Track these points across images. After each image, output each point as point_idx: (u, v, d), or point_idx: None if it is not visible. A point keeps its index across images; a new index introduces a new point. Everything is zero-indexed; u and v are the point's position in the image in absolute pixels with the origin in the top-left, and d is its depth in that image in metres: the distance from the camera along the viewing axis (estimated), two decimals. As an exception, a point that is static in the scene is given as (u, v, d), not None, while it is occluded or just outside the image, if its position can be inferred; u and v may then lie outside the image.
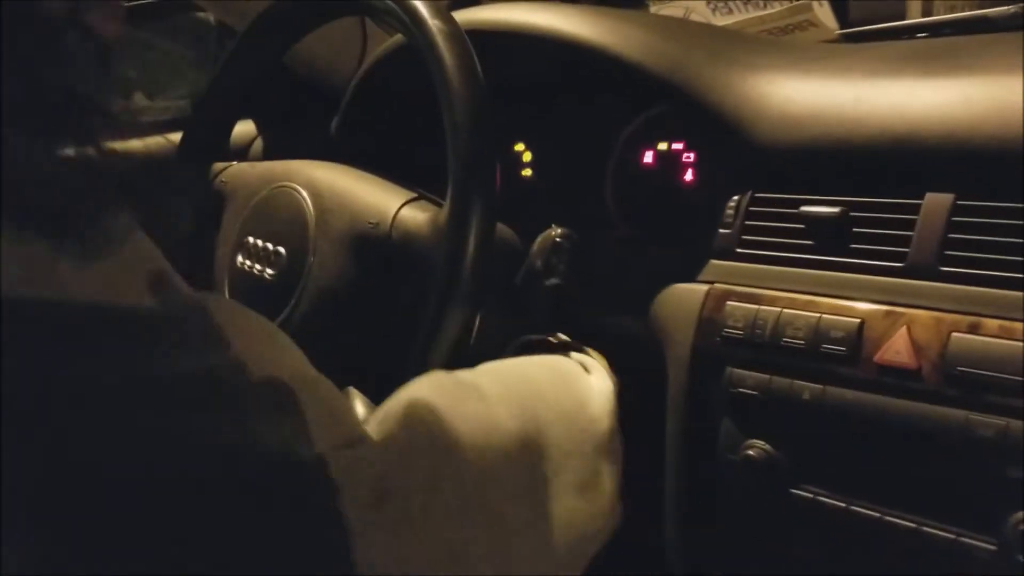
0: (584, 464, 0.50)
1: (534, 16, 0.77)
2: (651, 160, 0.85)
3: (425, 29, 0.63)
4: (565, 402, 0.52)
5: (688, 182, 0.82)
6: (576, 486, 0.49)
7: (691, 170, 0.82)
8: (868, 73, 0.68)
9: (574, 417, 0.52)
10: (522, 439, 0.46)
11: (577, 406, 0.53)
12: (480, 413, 0.45)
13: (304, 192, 0.72)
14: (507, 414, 0.46)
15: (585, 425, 0.52)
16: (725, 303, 0.66)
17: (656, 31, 0.76)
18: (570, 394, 0.54)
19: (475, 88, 0.61)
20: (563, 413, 0.51)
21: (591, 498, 0.50)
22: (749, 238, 0.68)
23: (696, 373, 0.67)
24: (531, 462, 0.46)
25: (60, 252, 0.30)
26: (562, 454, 0.48)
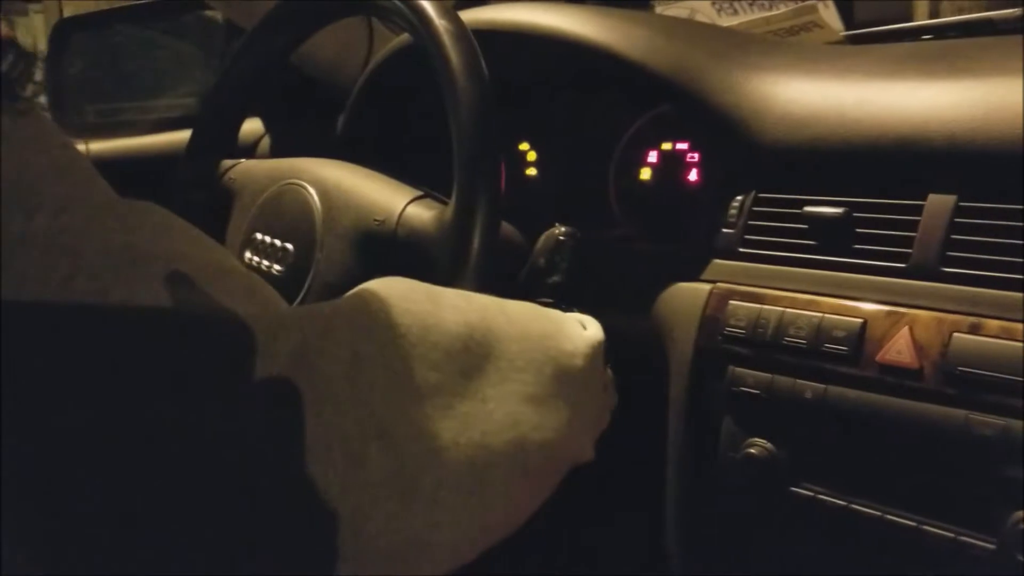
0: (538, 381, 0.48)
1: (539, 16, 0.78)
2: (655, 159, 0.85)
3: (431, 28, 0.64)
4: (533, 327, 0.50)
5: (692, 182, 0.82)
6: (524, 396, 0.46)
7: (695, 170, 0.82)
8: (871, 74, 0.68)
9: (538, 341, 0.50)
10: (465, 341, 0.44)
11: (545, 335, 0.51)
12: (423, 310, 0.43)
13: (312, 189, 0.72)
14: (455, 319, 0.44)
15: (552, 352, 0.50)
16: (728, 302, 0.66)
17: (659, 31, 0.76)
18: (542, 324, 0.52)
19: (480, 87, 0.61)
20: (525, 334, 0.49)
21: (542, 412, 0.47)
22: (752, 238, 0.68)
23: (698, 372, 0.67)
24: (472, 363, 0.44)
25: None
26: (512, 368, 0.46)
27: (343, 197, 0.71)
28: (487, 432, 0.43)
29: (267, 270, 0.73)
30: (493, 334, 0.46)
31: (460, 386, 0.42)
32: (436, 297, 0.46)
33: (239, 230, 0.78)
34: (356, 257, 0.68)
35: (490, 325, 0.47)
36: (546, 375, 0.49)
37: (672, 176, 0.84)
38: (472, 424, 0.42)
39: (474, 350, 0.45)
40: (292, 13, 0.78)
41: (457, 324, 0.45)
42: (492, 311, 0.49)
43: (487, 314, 0.48)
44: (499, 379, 0.45)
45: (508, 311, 0.50)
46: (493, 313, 0.48)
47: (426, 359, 0.41)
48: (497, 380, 0.45)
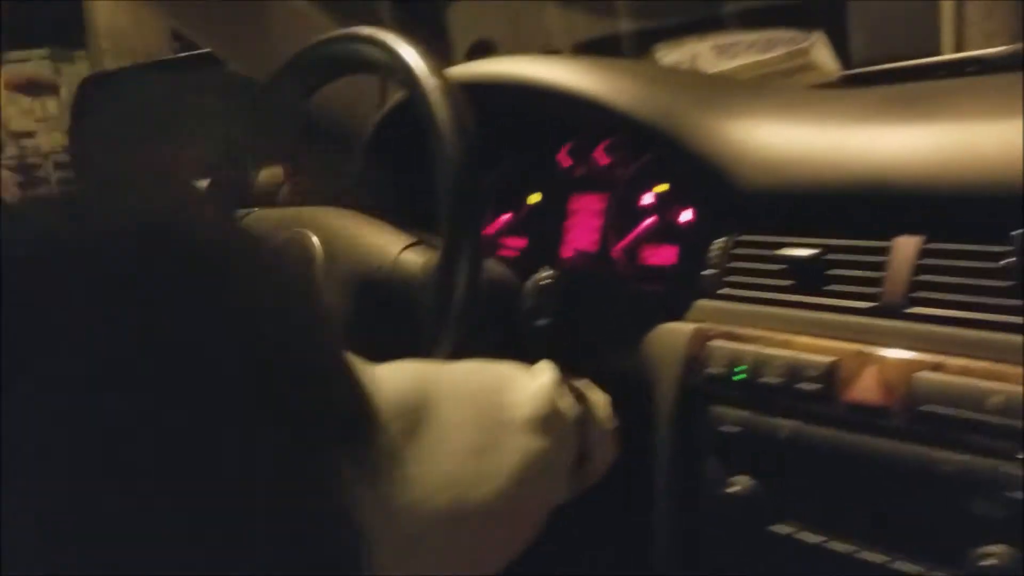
0: (479, 434, 0.49)
1: (527, 68, 0.81)
2: (651, 201, 0.88)
3: (419, 85, 0.68)
4: (471, 382, 0.52)
5: (685, 223, 0.85)
6: (464, 452, 0.47)
7: (688, 212, 0.85)
8: (846, 118, 0.70)
9: (476, 396, 0.51)
10: (398, 408, 0.45)
11: (484, 388, 0.52)
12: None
13: (315, 237, 0.76)
14: (389, 388, 0.45)
15: (492, 404, 0.51)
16: (709, 342, 0.69)
17: (645, 80, 0.79)
18: (482, 378, 0.53)
19: (464, 141, 0.65)
20: (461, 392, 0.50)
21: (484, 464, 0.48)
22: (732, 279, 0.70)
23: (683, 411, 0.69)
24: (407, 428, 0.44)
25: None
26: (449, 426, 0.47)
27: (344, 244, 0.74)
28: (423, 496, 0.43)
29: (272, 316, 0.77)
30: (427, 397, 0.48)
31: (396, 452, 0.43)
32: (368, 372, 0.46)
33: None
34: (353, 302, 0.72)
35: (424, 387, 0.48)
36: (487, 427, 0.50)
37: (666, 219, 0.86)
38: (408, 489, 0.43)
39: (408, 415, 0.46)
40: (296, 72, 0.83)
41: (391, 392, 0.45)
42: (426, 375, 0.50)
43: (419, 378, 0.49)
44: (436, 439, 0.46)
45: (444, 372, 0.52)
46: (427, 376, 0.50)
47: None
48: (434, 441, 0.46)
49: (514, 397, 0.54)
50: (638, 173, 0.90)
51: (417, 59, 0.69)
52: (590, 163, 0.95)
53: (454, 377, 0.52)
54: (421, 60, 0.69)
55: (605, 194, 0.94)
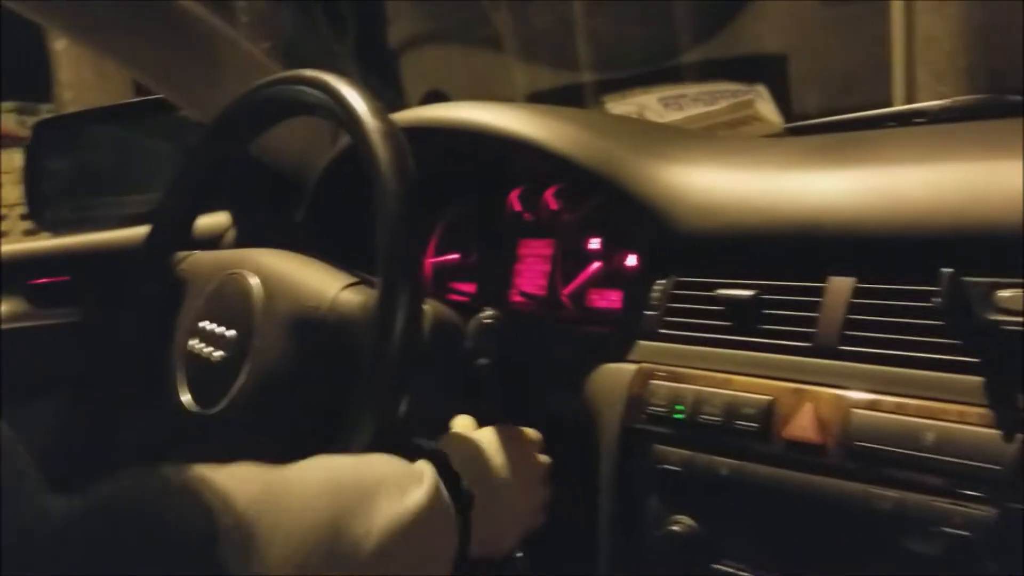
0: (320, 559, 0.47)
1: (471, 113, 0.82)
2: (597, 246, 0.89)
3: (361, 127, 0.68)
4: (311, 508, 0.49)
5: (629, 268, 0.85)
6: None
7: (633, 256, 0.85)
8: (781, 165, 0.72)
9: (312, 527, 0.48)
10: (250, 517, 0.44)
11: (326, 518, 0.49)
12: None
13: (253, 278, 0.75)
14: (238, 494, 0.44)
15: (333, 546, 0.48)
16: (650, 382, 0.69)
17: (587, 127, 0.80)
18: (330, 504, 0.50)
19: (403, 183, 0.65)
20: (289, 516, 0.47)
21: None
22: (672, 319, 0.71)
23: (625, 450, 0.69)
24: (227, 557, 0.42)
25: None
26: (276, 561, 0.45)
27: (282, 284, 0.74)
28: None
29: (207, 356, 0.75)
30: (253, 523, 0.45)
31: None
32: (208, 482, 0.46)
33: (186, 319, 0.81)
34: (291, 342, 0.71)
35: (260, 515, 0.46)
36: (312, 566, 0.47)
37: (612, 262, 0.87)
38: None
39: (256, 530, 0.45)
40: (239, 115, 0.82)
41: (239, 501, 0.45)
42: (273, 485, 0.49)
43: (254, 500, 0.47)
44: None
45: (296, 485, 0.50)
46: (268, 497, 0.48)
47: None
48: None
49: (360, 528, 0.50)
50: (584, 218, 0.91)
51: (360, 101, 0.70)
52: (539, 208, 0.96)
53: (299, 496, 0.49)
54: (363, 102, 0.70)
55: (553, 239, 0.95)
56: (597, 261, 0.89)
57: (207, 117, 1.07)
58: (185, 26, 0.97)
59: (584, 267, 0.90)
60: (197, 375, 0.76)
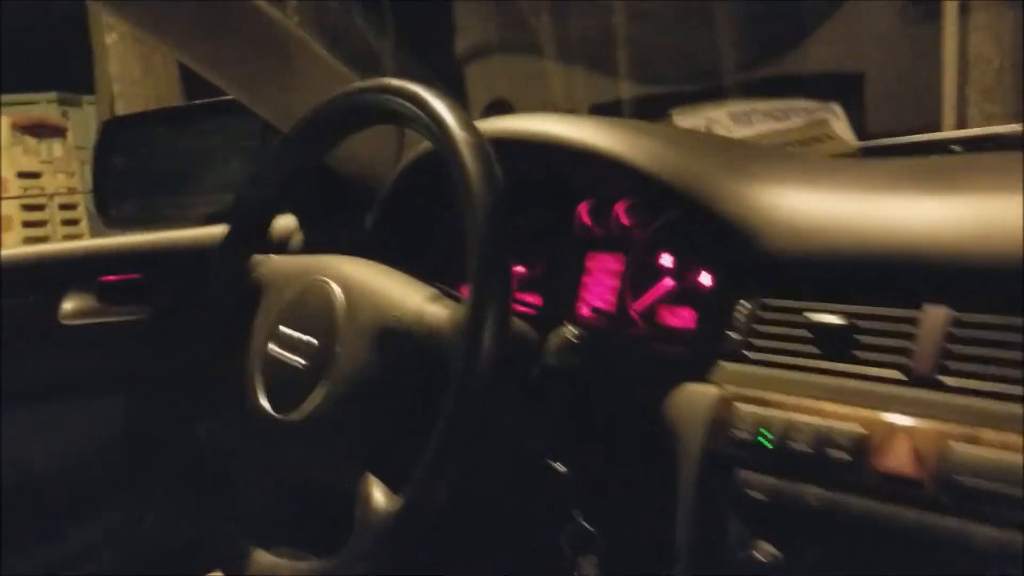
0: None
1: (554, 126, 0.82)
2: (669, 263, 0.88)
3: (450, 138, 0.68)
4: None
5: (705, 286, 0.85)
6: None
7: (707, 273, 0.85)
8: (871, 189, 0.71)
9: None
10: None
11: None
12: None
13: (335, 285, 0.76)
14: None
15: None
16: (733, 406, 0.68)
17: (669, 142, 0.80)
18: None
19: (493, 195, 0.65)
20: None
21: None
22: (757, 343, 0.70)
23: (706, 474, 0.68)
24: None
25: None
26: None
27: (364, 293, 0.74)
28: None
29: (289, 363, 0.76)
30: None
31: None
32: None
33: (265, 323, 0.81)
34: (374, 352, 0.71)
35: None
36: None
37: (685, 279, 0.86)
38: None
39: None
40: (323, 120, 0.83)
41: None
42: None
43: None
44: None
45: None
46: None
47: None
48: None
49: None
50: (656, 234, 0.90)
51: (448, 112, 0.70)
52: (609, 222, 0.95)
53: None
54: (452, 113, 0.70)
55: (622, 254, 0.94)
56: (669, 278, 0.88)
57: (278, 119, 1.08)
58: (262, 28, 0.97)
59: (655, 283, 0.89)
60: (277, 381, 0.77)
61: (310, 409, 0.73)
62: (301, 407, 0.73)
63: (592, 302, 0.96)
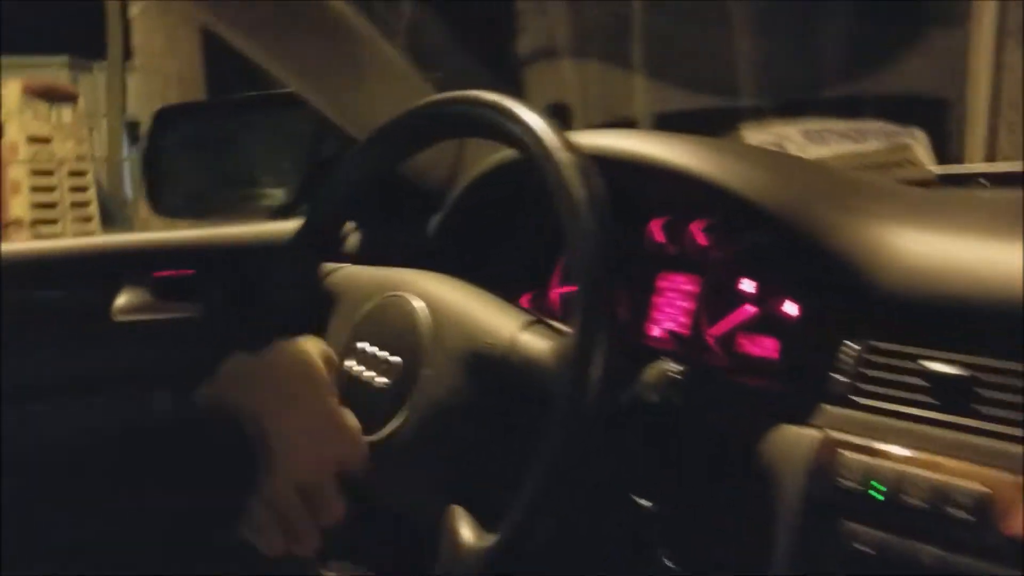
0: None
1: (648, 146, 0.79)
2: (751, 289, 0.85)
3: (553, 159, 0.65)
4: None
5: (791, 316, 0.82)
6: None
7: (793, 304, 0.82)
8: (993, 229, 0.68)
9: None
10: None
11: None
12: None
13: (419, 303, 0.73)
14: None
15: None
16: (839, 452, 0.65)
17: (769, 167, 0.77)
18: None
19: (602, 223, 0.62)
20: None
21: None
22: (866, 387, 0.67)
23: (809, 521, 0.66)
24: None
25: None
26: None
27: (452, 315, 0.71)
28: None
29: (371, 381, 0.73)
30: None
31: None
32: None
33: (340, 336, 0.78)
34: (464, 377, 0.68)
35: None
36: None
37: (768, 309, 0.83)
38: None
39: None
40: (406, 129, 0.80)
41: None
42: None
43: None
44: None
45: None
46: None
47: None
48: None
49: None
50: (736, 257, 0.87)
51: (547, 130, 0.67)
52: (685, 242, 0.92)
53: None
54: (553, 132, 0.67)
55: (698, 276, 0.91)
56: (751, 305, 0.86)
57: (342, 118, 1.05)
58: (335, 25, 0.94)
59: (733, 309, 0.86)
60: (357, 399, 0.74)
61: (392, 432, 0.70)
62: (381, 429, 0.71)
63: (664, 324, 0.93)
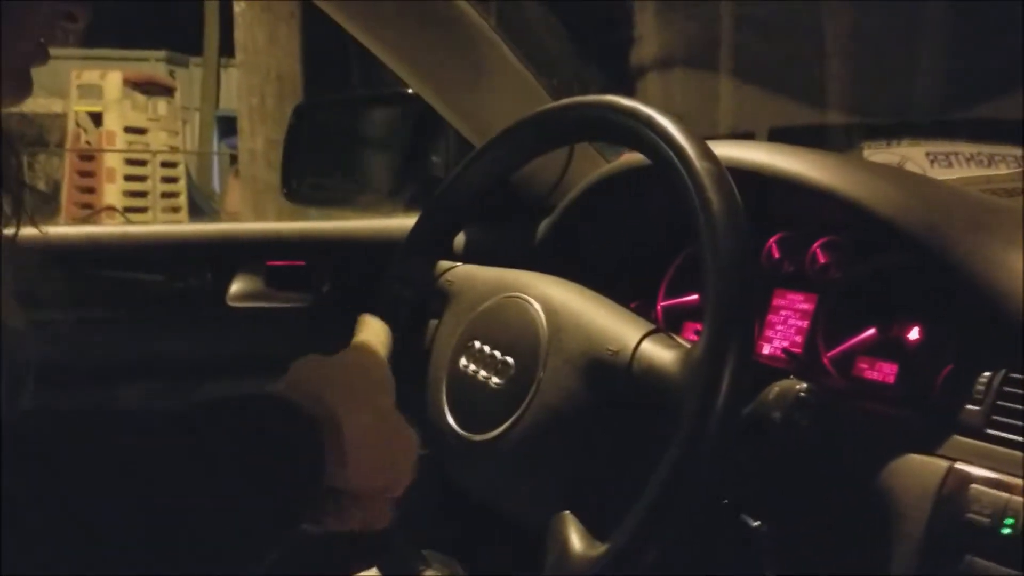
0: None
1: (785, 161, 0.77)
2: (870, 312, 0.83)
3: (691, 168, 0.64)
4: None
5: (913, 342, 0.79)
6: None
7: (916, 328, 0.79)
8: None
9: None
10: None
11: None
12: None
13: (538, 306, 0.73)
14: None
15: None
16: (970, 485, 0.63)
17: (909, 188, 0.75)
18: None
19: (740, 235, 0.61)
20: None
21: None
22: (1000, 419, 0.65)
23: (929, 555, 0.64)
24: None
25: None
26: None
27: (572, 319, 0.71)
28: None
29: (484, 380, 0.73)
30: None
31: None
32: None
33: (453, 334, 0.79)
34: (582, 383, 0.68)
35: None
36: None
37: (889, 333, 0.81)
38: None
39: None
40: (533, 132, 0.80)
41: None
42: None
43: None
44: None
45: None
46: None
47: None
48: None
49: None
50: (861, 278, 0.85)
51: (686, 139, 0.66)
52: (804, 260, 0.90)
53: None
54: (690, 141, 0.66)
55: (814, 295, 0.89)
56: (869, 327, 0.83)
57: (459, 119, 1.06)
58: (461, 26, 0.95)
59: (851, 331, 0.84)
60: (468, 397, 0.75)
61: (504, 432, 0.70)
62: (494, 429, 0.71)
63: (777, 342, 0.91)
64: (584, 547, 0.63)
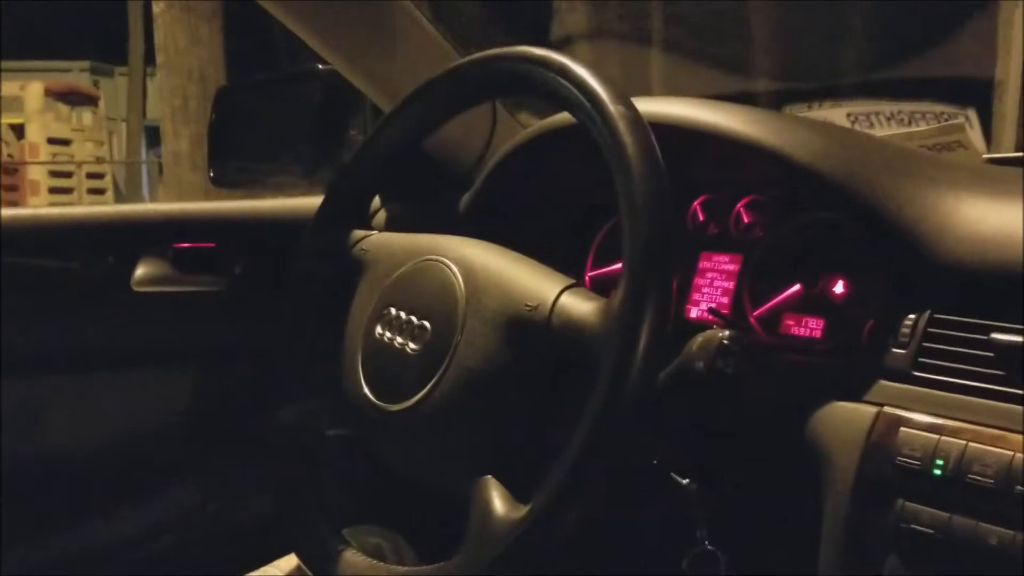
0: None
1: (705, 113, 0.76)
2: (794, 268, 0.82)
3: (605, 112, 0.62)
4: None
5: (838, 295, 0.78)
6: None
7: (841, 281, 0.78)
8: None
9: None
10: None
11: None
12: None
13: (455, 268, 0.70)
14: None
15: None
16: (899, 429, 0.61)
17: (829, 136, 0.73)
18: None
19: (657, 177, 0.59)
20: None
21: None
22: (928, 361, 0.63)
23: (860, 501, 0.62)
24: None
25: None
26: None
27: (490, 279, 0.68)
28: None
29: (399, 347, 0.70)
30: None
31: None
32: None
33: (369, 303, 0.75)
34: (501, 343, 0.65)
35: None
36: None
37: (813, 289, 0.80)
38: None
39: None
40: (445, 90, 0.77)
41: None
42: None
43: None
44: None
45: None
46: None
47: None
48: None
49: None
50: (783, 235, 0.84)
51: (602, 86, 0.63)
52: (728, 220, 0.89)
53: None
54: (606, 87, 0.63)
55: (739, 255, 0.88)
56: (794, 284, 0.82)
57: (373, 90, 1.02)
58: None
59: (776, 289, 0.83)
60: (383, 366, 0.71)
61: (422, 399, 0.67)
62: (411, 396, 0.67)
63: (704, 304, 0.89)
64: (506, 510, 0.60)
